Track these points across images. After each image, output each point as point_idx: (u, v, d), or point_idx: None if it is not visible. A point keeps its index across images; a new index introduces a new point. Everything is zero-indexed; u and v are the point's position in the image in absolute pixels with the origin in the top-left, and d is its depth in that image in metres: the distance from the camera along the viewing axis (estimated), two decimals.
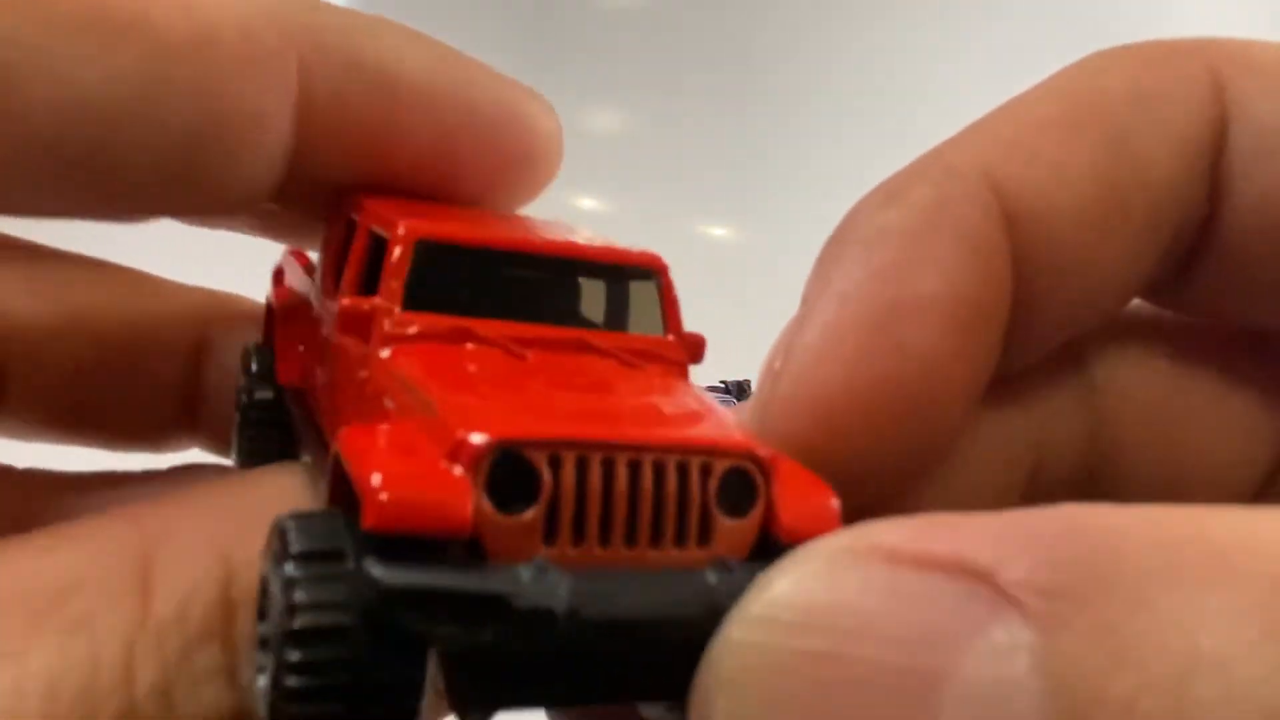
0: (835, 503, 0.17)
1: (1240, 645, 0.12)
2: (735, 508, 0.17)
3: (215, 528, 0.19)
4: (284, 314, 0.26)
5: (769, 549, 0.16)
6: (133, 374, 0.31)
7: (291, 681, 0.15)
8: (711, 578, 0.16)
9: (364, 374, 0.20)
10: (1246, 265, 0.24)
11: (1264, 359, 0.25)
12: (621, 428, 0.17)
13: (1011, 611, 0.13)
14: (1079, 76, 0.24)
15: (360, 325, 0.20)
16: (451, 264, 0.21)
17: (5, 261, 0.31)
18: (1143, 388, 0.26)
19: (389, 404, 0.19)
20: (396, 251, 0.21)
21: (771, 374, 0.23)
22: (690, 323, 0.24)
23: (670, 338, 0.22)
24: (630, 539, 0.16)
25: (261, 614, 0.17)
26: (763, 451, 0.17)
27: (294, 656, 0.15)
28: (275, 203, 0.27)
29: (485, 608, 0.15)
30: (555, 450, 0.16)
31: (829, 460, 0.21)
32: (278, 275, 0.29)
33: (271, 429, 0.26)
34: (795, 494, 0.17)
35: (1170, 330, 0.26)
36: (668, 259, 0.24)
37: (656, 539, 0.16)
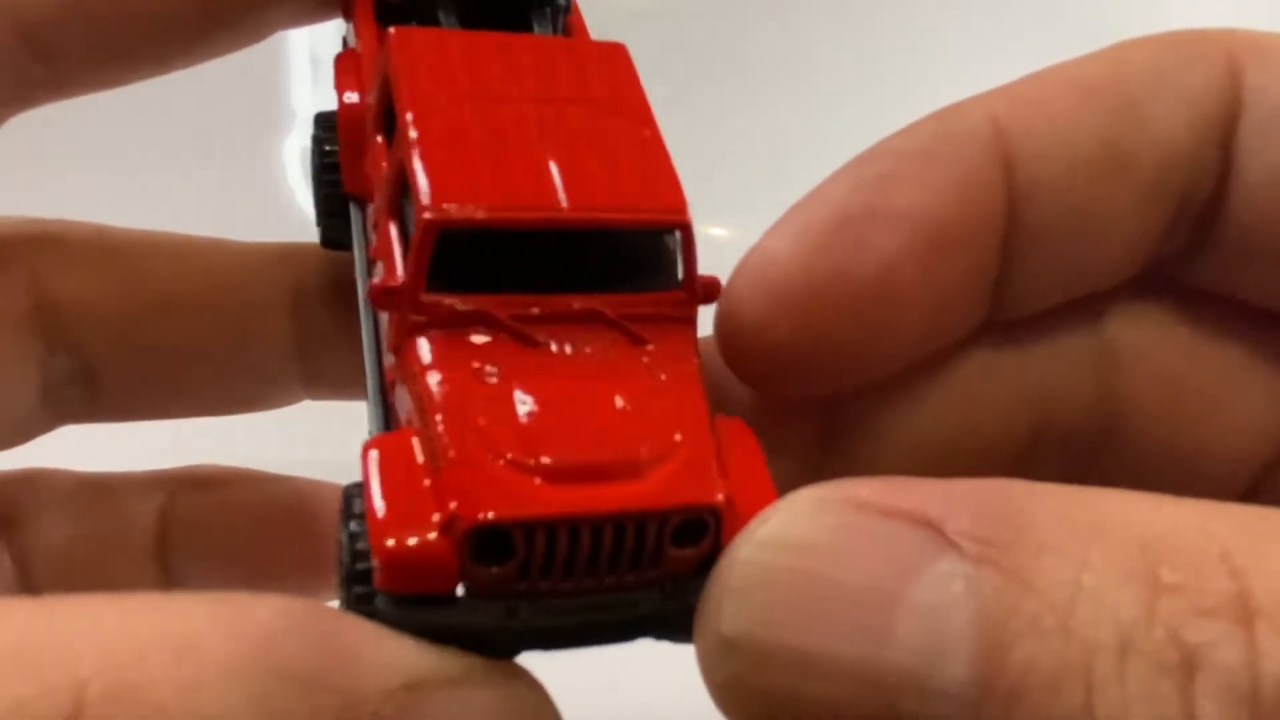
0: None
1: (1108, 582, 0.16)
2: (686, 542, 0.20)
3: (79, 644, 0.16)
4: (345, 125, 0.27)
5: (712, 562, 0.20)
6: (228, 342, 0.31)
7: (362, 610, 0.19)
8: (657, 598, 0.20)
9: (393, 348, 0.22)
10: (1256, 243, 0.24)
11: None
12: (590, 490, 0.19)
13: (953, 552, 0.17)
14: (1100, 54, 0.24)
15: (390, 302, 0.22)
16: (477, 240, 0.22)
17: (74, 250, 0.30)
18: (1159, 355, 0.27)
19: (401, 402, 0.22)
20: (420, 235, 0.21)
21: (742, 258, 0.24)
22: None
23: (683, 294, 0.23)
24: (591, 572, 0.20)
25: (339, 562, 0.20)
26: (719, 498, 0.20)
27: (360, 590, 0.19)
28: None
29: (463, 637, 0.19)
30: (529, 527, 0.19)
31: (779, 345, 0.22)
32: (340, 63, 0.28)
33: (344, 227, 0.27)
34: (743, 515, 0.20)
35: (1193, 303, 0.26)
36: None
37: (614, 569, 0.20)
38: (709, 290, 0.23)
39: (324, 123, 0.29)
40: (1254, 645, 0.15)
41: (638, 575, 0.20)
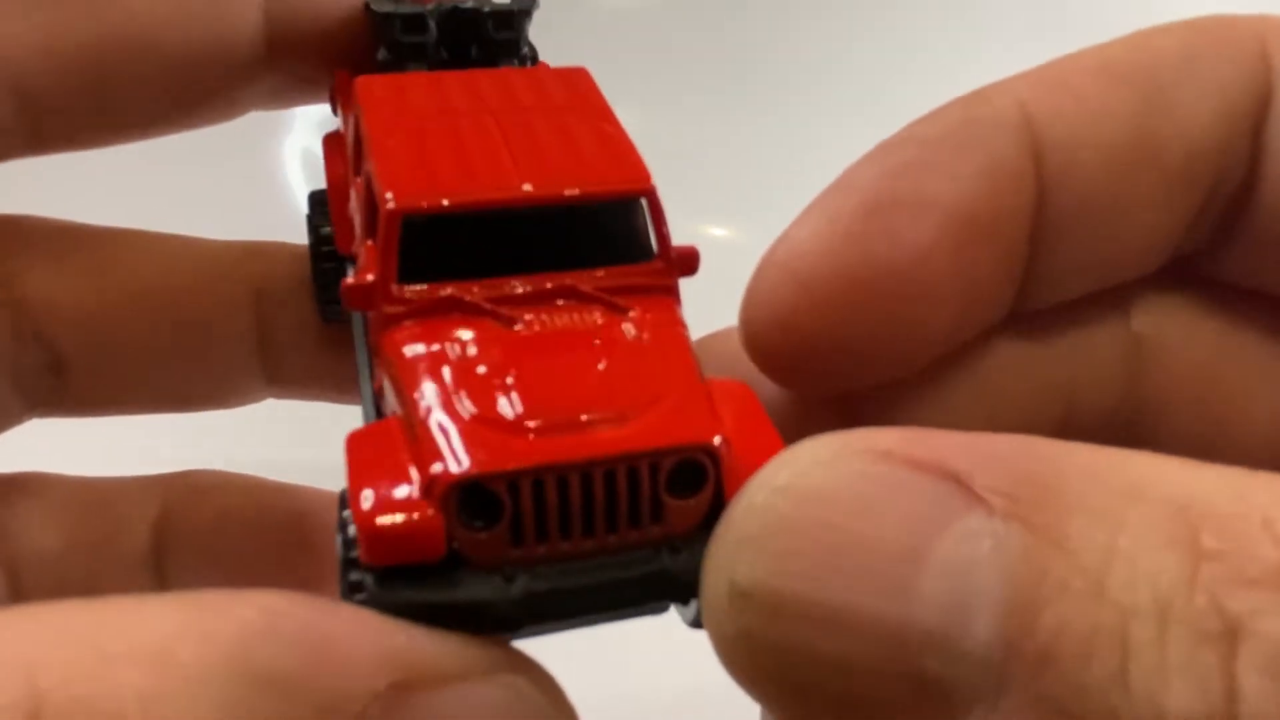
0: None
1: (1146, 546, 0.15)
2: (685, 491, 0.19)
3: (37, 656, 0.16)
4: (335, 188, 0.28)
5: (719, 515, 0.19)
6: (193, 338, 0.31)
7: (356, 598, 0.19)
8: (663, 557, 0.19)
9: (373, 348, 0.22)
10: None
11: None
12: (575, 438, 0.19)
13: (981, 507, 0.16)
14: (1128, 39, 0.24)
15: (364, 299, 0.22)
16: (443, 228, 0.22)
17: (43, 246, 0.31)
18: (1187, 349, 0.26)
19: (386, 389, 0.22)
20: (384, 227, 0.21)
21: (768, 250, 0.23)
22: (691, 323, 0.24)
23: (658, 264, 0.23)
24: (588, 530, 0.19)
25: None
26: (714, 438, 0.19)
27: (352, 576, 0.19)
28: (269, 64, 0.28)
29: (462, 612, 0.18)
30: (512, 478, 0.18)
31: (809, 335, 0.22)
32: (332, 101, 0.30)
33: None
34: (746, 468, 0.19)
35: (1220, 297, 0.26)
36: None
37: (612, 526, 0.19)
38: (687, 261, 0.23)
39: (316, 201, 0.29)
40: None
41: (638, 533, 0.19)
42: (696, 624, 0.20)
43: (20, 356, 0.29)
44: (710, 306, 0.25)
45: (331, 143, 0.30)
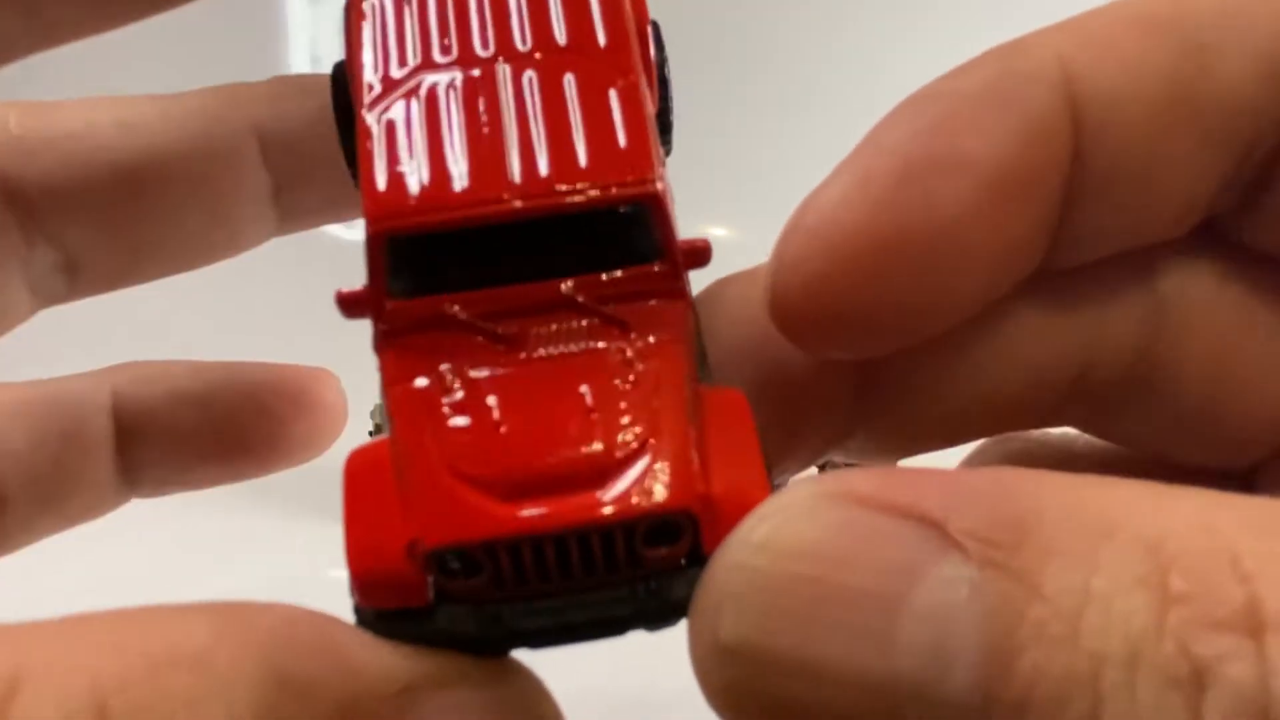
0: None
1: (1118, 588, 0.15)
2: (662, 543, 0.19)
3: (97, 664, 0.17)
4: (355, 57, 0.25)
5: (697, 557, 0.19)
6: (194, 195, 0.31)
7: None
8: (640, 594, 0.20)
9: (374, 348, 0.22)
10: None
11: None
12: (552, 509, 0.19)
13: (956, 553, 0.16)
14: None
15: (357, 309, 0.22)
16: (429, 243, 0.21)
17: (29, 138, 0.30)
18: (1212, 315, 0.26)
19: (386, 421, 0.21)
20: (369, 247, 0.21)
21: (796, 213, 0.23)
22: None
23: (657, 268, 0.22)
24: (565, 575, 0.19)
25: None
26: (693, 502, 0.19)
27: (352, 603, 0.20)
28: None
29: (452, 643, 0.19)
30: (489, 547, 0.19)
31: (837, 302, 0.21)
32: (350, 8, 0.27)
33: None
34: (729, 512, 0.19)
35: (1246, 265, 0.26)
36: None
37: (591, 573, 0.19)
38: (698, 255, 0.22)
39: (338, 74, 0.27)
40: (1265, 660, 0.15)
41: (617, 575, 0.20)
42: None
43: (32, 259, 0.30)
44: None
45: (352, 10, 0.27)
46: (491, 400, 0.20)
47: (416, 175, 0.21)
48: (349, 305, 0.22)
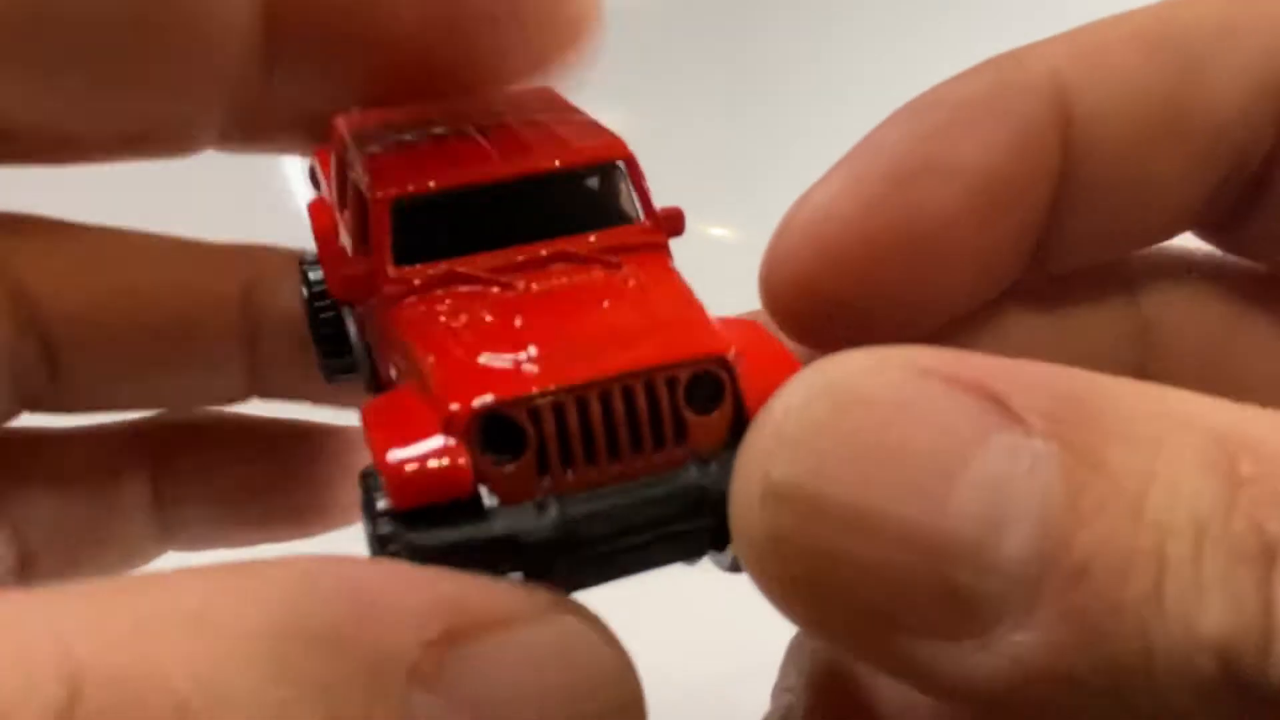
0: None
1: (1184, 471, 0.15)
2: (705, 406, 0.19)
3: (59, 619, 0.15)
4: (320, 230, 0.28)
5: (743, 432, 0.19)
6: (186, 339, 0.31)
7: (390, 549, 0.19)
8: (692, 472, 0.19)
9: (376, 328, 0.23)
10: None
11: None
12: (589, 363, 0.19)
13: (1019, 426, 0.16)
14: (1168, 5, 0.24)
15: (361, 289, 0.22)
16: (433, 211, 0.22)
17: (40, 240, 0.30)
18: (1196, 328, 0.26)
19: (396, 368, 0.22)
20: (376, 215, 0.22)
21: (790, 210, 0.23)
22: None
23: (646, 223, 0.23)
24: (613, 454, 0.19)
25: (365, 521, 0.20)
26: (726, 349, 0.19)
27: (384, 529, 0.19)
28: (258, 115, 0.27)
29: (498, 547, 0.18)
30: (531, 403, 0.19)
31: (827, 296, 0.22)
32: (313, 177, 0.29)
33: (343, 341, 0.27)
34: (764, 381, 0.19)
35: (1231, 275, 0.26)
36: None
37: (637, 448, 0.19)
38: (674, 221, 0.24)
39: (306, 262, 0.29)
40: None
41: (664, 454, 0.19)
42: (735, 568, 0.20)
43: (18, 346, 0.30)
44: (710, 306, 0.25)
45: (316, 207, 0.30)
46: (511, 316, 0.21)
47: (415, 164, 0.23)
48: (344, 284, 0.22)
